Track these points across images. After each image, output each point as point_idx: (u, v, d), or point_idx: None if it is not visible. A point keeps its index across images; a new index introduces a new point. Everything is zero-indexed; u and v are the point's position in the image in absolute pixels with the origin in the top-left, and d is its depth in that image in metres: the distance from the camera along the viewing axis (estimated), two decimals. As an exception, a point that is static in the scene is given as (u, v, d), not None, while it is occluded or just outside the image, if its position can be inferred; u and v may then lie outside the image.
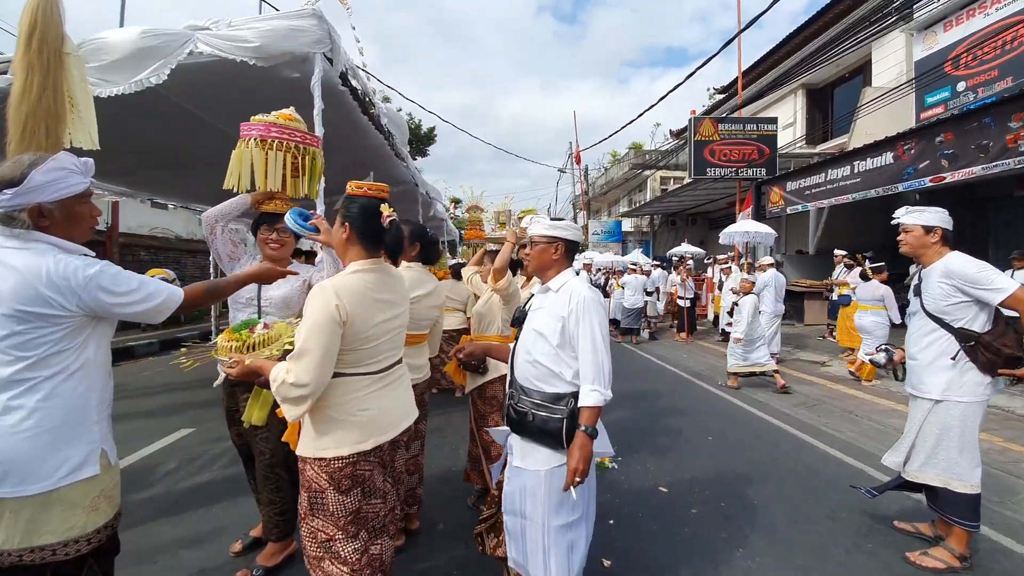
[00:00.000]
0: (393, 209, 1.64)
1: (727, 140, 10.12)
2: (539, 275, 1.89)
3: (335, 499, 1.54)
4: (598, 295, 1.76)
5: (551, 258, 1.83)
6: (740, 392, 6.04)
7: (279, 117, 2.39)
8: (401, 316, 1.73)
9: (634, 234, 19.38)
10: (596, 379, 1.64)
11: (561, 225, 1.85)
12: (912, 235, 2.49)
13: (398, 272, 1.79)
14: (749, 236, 8.10)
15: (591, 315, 1.68)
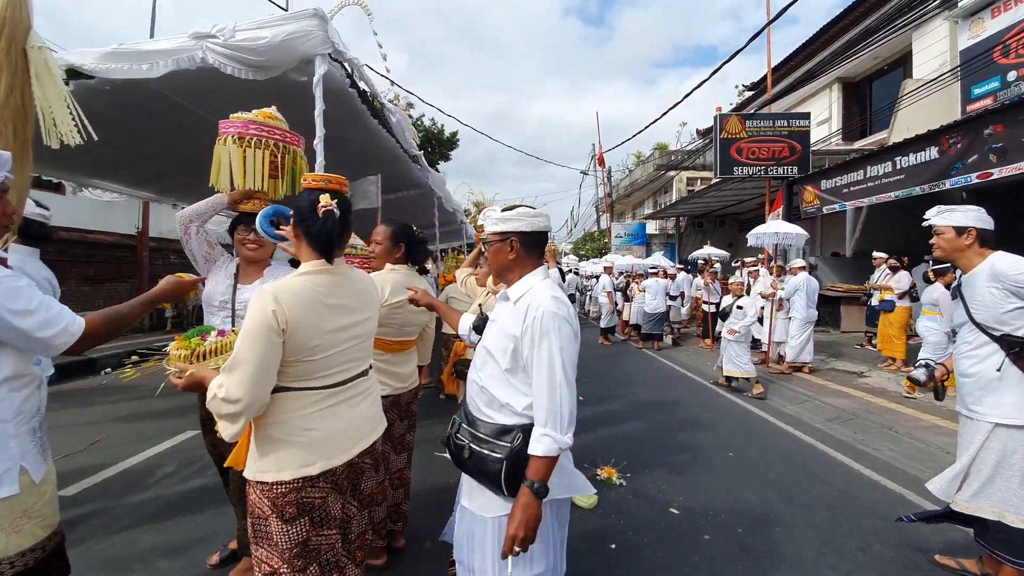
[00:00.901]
0: (336, 200, 1.46)
1: (755, 137, 9.65)
2: (501, 280, 1.60)
3: (278, 528, 1.38)
4: (565, 309, 1.41)
5: (507, 258, 1.52)
6: (768, 404, 5.66)
7: (259, 115, 2.29)
8: (363, 324, 1.56)
9: (659, 237, 18.85)
10: (549, 420, 1.33)
11: (512, 215, 1.50)
12: (944, 238, 2.24)
13: (360, 274, 1.63)
14: (779, 237, 7.62)
15: (551, 337, 1.35)
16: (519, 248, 1.51)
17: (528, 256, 1.52)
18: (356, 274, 1.60)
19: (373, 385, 1.63)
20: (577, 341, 1.45)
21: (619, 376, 7.22)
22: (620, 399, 5.81)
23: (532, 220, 1.51)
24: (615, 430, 4.65)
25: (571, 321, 1.41)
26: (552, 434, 1.33)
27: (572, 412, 1.36)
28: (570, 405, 1.36)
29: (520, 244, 1.50)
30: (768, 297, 7.64)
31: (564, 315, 1.39)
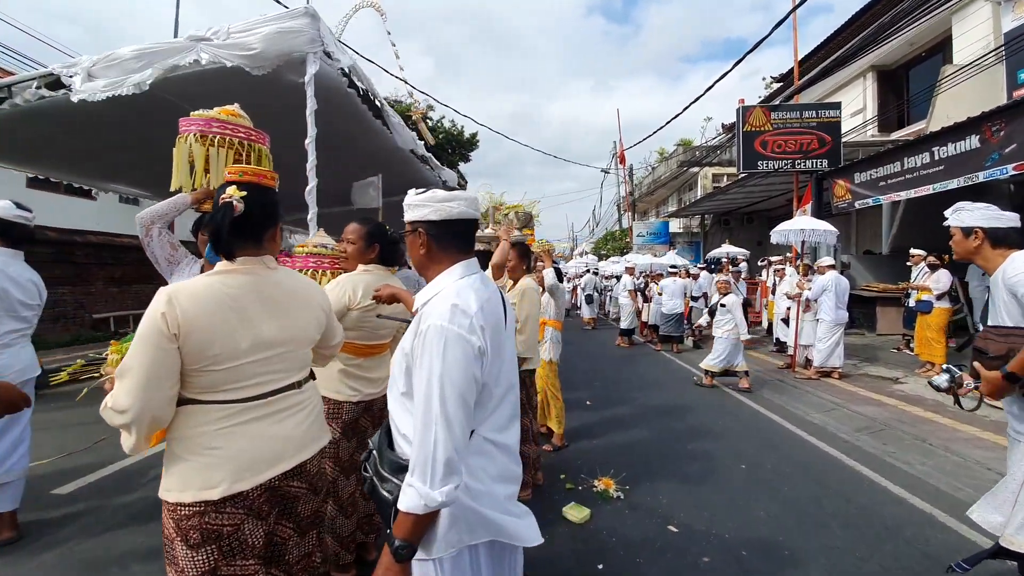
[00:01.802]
0: (247, 193, 1.33)
1: (781, 130, 9.18)
2: (424, 278, 1.36)
3: (183, 553, 1.25)
4: (465, 321, 1.12)
5: (419, 253, 1.28)
6: (790, 412, 5.31)
7: (222, 112, 2.22)
8: (291, 331, 1.41)
9: (683, 235, 18.29)
10: (417, 467, 1.08)
11: (417, 199, 1.26)
12: (954, 240, 2.06)
13: (292, 276, 1.49)
14: (805, 234, 7.21)
15: (431, 358, 1.10)
16: (428, 241, 1.26)
17: (442, 251, 1.26)
18: (284, 276, 1.46)
19: (307, 400, 1.48)
20: (480, 363, 1.14)
21: (631, 379, 6.96)
22: (628, 404, 5.57)
23: (441, 206, 1.23)
24: (618, 437, 4.42)
25: (470, 338, 1.11)
26: (417, 485, 1.06)
27: (450, 460, 1.07)
28: (447, 450, 1.07)
29: (428, 236, 1.25)
30: (794, 298, 7.25)
31: (459, 330, 1.11)
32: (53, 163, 5.99)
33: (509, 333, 1.33)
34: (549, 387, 4.06)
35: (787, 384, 6.49)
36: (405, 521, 1.08)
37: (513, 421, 1.32)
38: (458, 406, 1.09)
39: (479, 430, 1.21)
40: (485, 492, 1.20)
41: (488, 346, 1.16)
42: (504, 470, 1.26)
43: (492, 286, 1.32)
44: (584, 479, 3.47)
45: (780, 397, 5.88)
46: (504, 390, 1.26)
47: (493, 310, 1.22)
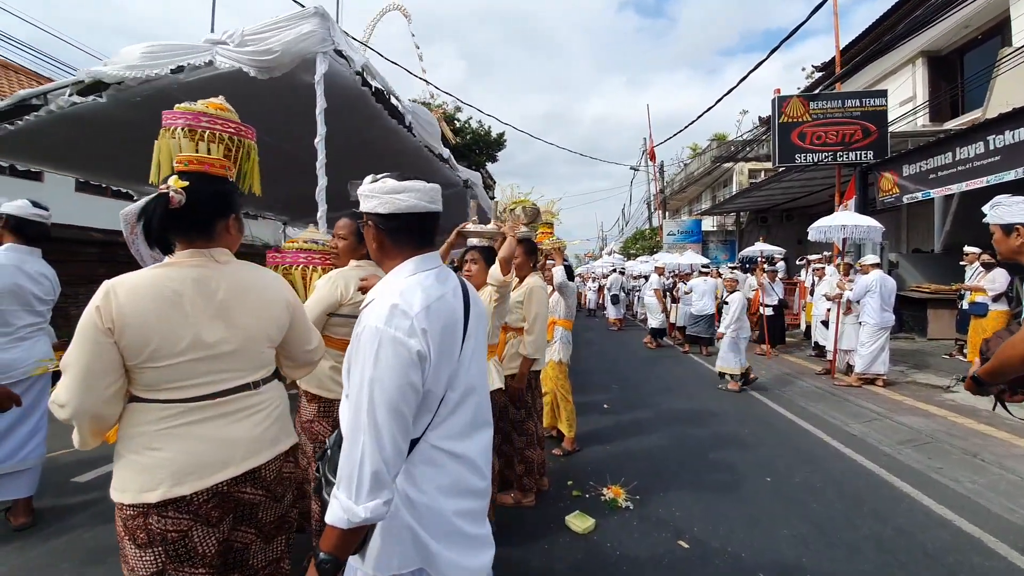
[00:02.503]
0: (188, 183, 1.26)
1: (821, 120, 8.67)
2: None
3: (132, 552, 1.22)
4: (404, 323, 1.04)
5: (371, 247, 1.22)
6: (827, 421, 4.96)
7: (209, 105, 2.18)
8: (243, 327, 1.33)
9: (717, 234, 17.63)
10: (343, 479, 1.01)
11: (366, 190, 1.18)
12: (995, 238, 1.83)
13: (250, 270, 1.42)
14: (847, 230, 6.75)
15: (364, 361, 1.03)
16: (378, 235, 1.19)
17: (395, 245, 1.18)
18: (237, 270, 1.37)
19: (265, 402, 1.40)
20: (420, 368, 1.05)
21: (653, 382, 6.69)
22: (648, 408, 5.33)
23: (389, 198, 1.14)
24: (633, 443, 4.22)
25: (408, 341, 1.02)
26: (341, 498, 0.99)
27: (377, 473, 0.99)
28: (374, 463, 0.99)
29: (378, 229, 1.18)
30: (834, 299, 6.80)
31: (395, 333, 1.02)
32: (84, 165, 6.28)
33: (474, 333, 1.23)
34: (559, 389, 3.91)
35: (825, 391, 6.09)
36: (330, 534, 1.00)
37: (475, 429, 1.22)
38: (389, 415, 1.01)
39: (428, 437, 1.13)
40: (429, 506, 1.12)
41: (432, 350, 1.06)
42: (457, 482, 1.16)
43: (451, 283, 1.22)
44: (592, 486, 3.31)
45: (816, 405, 5.51)
46: (461, 395, 1.16)
47: (445, 310, 1.13)
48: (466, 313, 1.21)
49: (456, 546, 1.15)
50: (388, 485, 1.01)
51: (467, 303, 1.22)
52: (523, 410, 3.06)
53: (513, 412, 3.05)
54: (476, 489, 1.21)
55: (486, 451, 1.26)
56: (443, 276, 1.20)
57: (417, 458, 1.12)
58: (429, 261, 1.20)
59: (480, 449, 1.23)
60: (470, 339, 1.20)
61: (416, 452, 1.11)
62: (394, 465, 1.02)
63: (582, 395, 5.80)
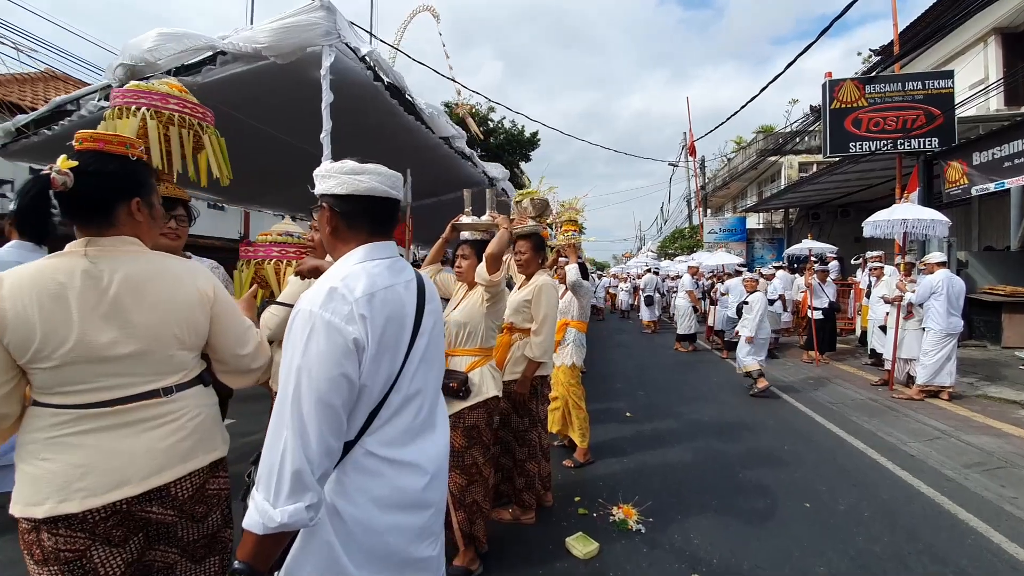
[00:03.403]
0: (78, 163, 1.11)
1: (879, 105, 7.89)
2: None
3: (32, 568, 1.12)
4: (343, 308, 0.97)
5: (325, 232, 1.15)
6: (881, 438, 4.42)
7: (171, 87, 2.07)
8: (142, 327, 1.17)
9: (763, 232, 16.62)
10: (263, 477, 0.92)
11: (324, 171, 1.12)
12: None
13: (159, 262, 1.25)
14: (908, 225, 6.06)
15: (293, 347, 0.96)
16: (334, 218, 1.11)
17: (351, 230, 1.12)
18: (138, 260, 1.21)
19: (178, 411, 1.23)
20: (356, 359, 0.97)
21: (683, 389, 6.24)
22: (676, 418, 4.94)
23: (348, 179, 1.08)
24: (655, 457, 3.87)
25: (344, 327, 0.95)
26: (257, 500, 0.90)
27: (299, 473, 0.90)
28: (296, 461, 0.90)
29: (333, 212, 1.11)
30: (893, 301, 6.13)
31: (330, 317, 0.95)
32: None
33: (428, 331, 1.16)
34: (571, 395, 3.63)
35: (880, 404, 5.49)
36: (247, 541, 0.91)
37: (421, 434, 1.14)
38: (317, 408, 0.93)
39: (364, 442, 1.04)
40: (360, 520, 1.02)
41: (371, 340, 0.99)
42: (396, 494, 1.07)
43: (405, 276, 1.15)
44: (602, 504, 3.01)
45: (870, 420, 4.95)
46: (405, 397, 1.09)
47: (393, 300, 1.07)
48: (420, 309, 1.14)
49: (385, 572, 1.06)
50: (312, 488, 0.91)
51: (421, 298, 1.15)
52: (526, 418, 2.82)
53: (516, 420, 2.82)
54: (421, 501, 1.11)
55: (437, 458, 1.17)
56: (397, 267, 1.14)
57: (350, 465, 1.02)
58: (383, 250, 1.13)
59: (428, 456, 1.14)
60: (422, 337, 1.13)
61: (349, 459, 1.02)
62: (320, 465, 0.93)
63: (603, 401, 5.48)
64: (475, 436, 2.17)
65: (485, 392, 2.17)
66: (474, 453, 2.17)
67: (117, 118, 1.90)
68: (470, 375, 2.17)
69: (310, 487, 0.91)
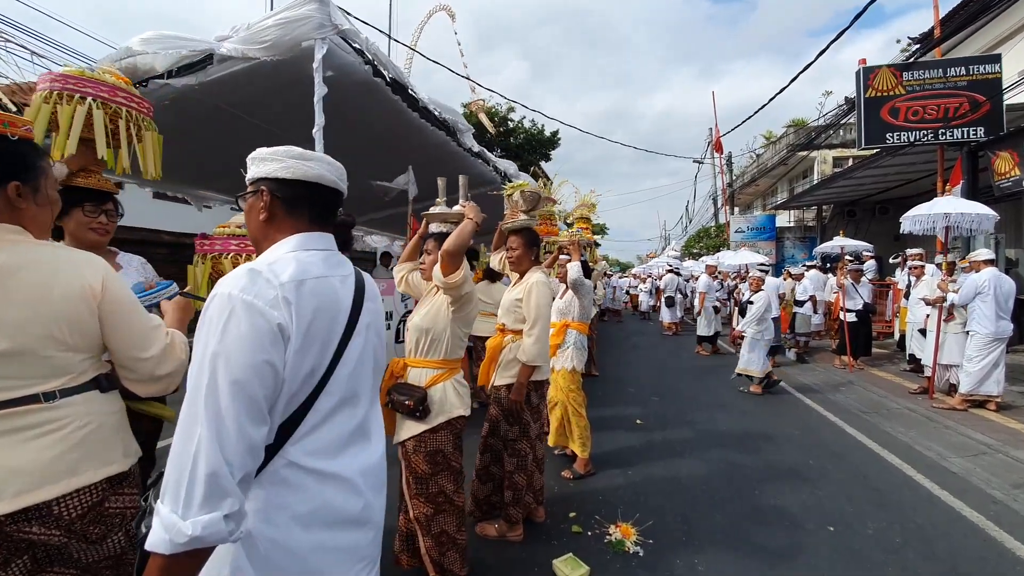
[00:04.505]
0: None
1: (918, 93, 7.34)
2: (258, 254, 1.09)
3: None
4: (267, 290, 0.88)
5: (258, 220, 1.04)
6: (919, 453, 4.04)
7: (118, 79, 1.97)
8: (22, 324, 1.05)
9: (794, 230, 15.86)
10: (170, 485, 0.78)
11: (265, 153, 1.04)
12: None
13: (32, 247, 1.11)
14: (951, 219, 5.57)
15: (208, 333, 0.85)
16: (272, 203, 1.02)
17: (290, 217, 1.03)
18: (10, 251, 1.08)
19: (67, 418, 1.10)
20: (281, 348, 0.87)
21: (703, 396, 5.90)
22: (690, 427, 4.63)
23: (294, 163, 1.01)
24: (663, 469, 3.60)
25: (267, 311, 0.86)
26: (163, 513, 0.77)
27: (215, 475, 0.77)
28: (213, 461, 0.78)
29: (273, 197, 1.02)
30: (934, 303, 5.65)
31: (252, 299, 0.85)
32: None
33: (365, 332, 1.07)
34: (571, 401, 3.41)
35: (919, 415, 5.05)
36: (151, 566, 0.77)
37: (355, 443, 1.04)
38: (236, 399, 0.81)
39: (285, 452, 0.92)
40: (278, 541, 0.90)
41: (296, 330, 0.90)
42: (323, 511, 0.95)
43: (343, 270, 1.07)
44: (598, 521, 2.78)
45: (907, 432, 4.54)
46: (338, 402, 0.99)
47: (325, 291, 0.98)
48: (356, 307, 1.06)
49: None
50: (232, 493, 0.79)
51: (360, 297, 1.08)
52: (516, 427, 2.62)
53: (505, 428, 2.62)
54: (353, 517, 1.00)
55: (372, 471, 1.06)
56: (333, 260, 1.06)
57: (267, 479, 0.91)
58: (319, 241, 1.05)
59: (361, 467, 1.03)
60: (357, 336, 1.05)
61: (267, 471, 0.91)
62: (241, 465, 0.81)
63: (613, 407, 5.22)
64: (440, 462, 1.94)
65: (447, 411, 1.93)
66: (441, 481, 1.94)
67: (56, 103, 1.78)
68: (430, 391, 1.93)
69: (229, 492, 0.79)
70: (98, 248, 1.96)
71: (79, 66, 2.05)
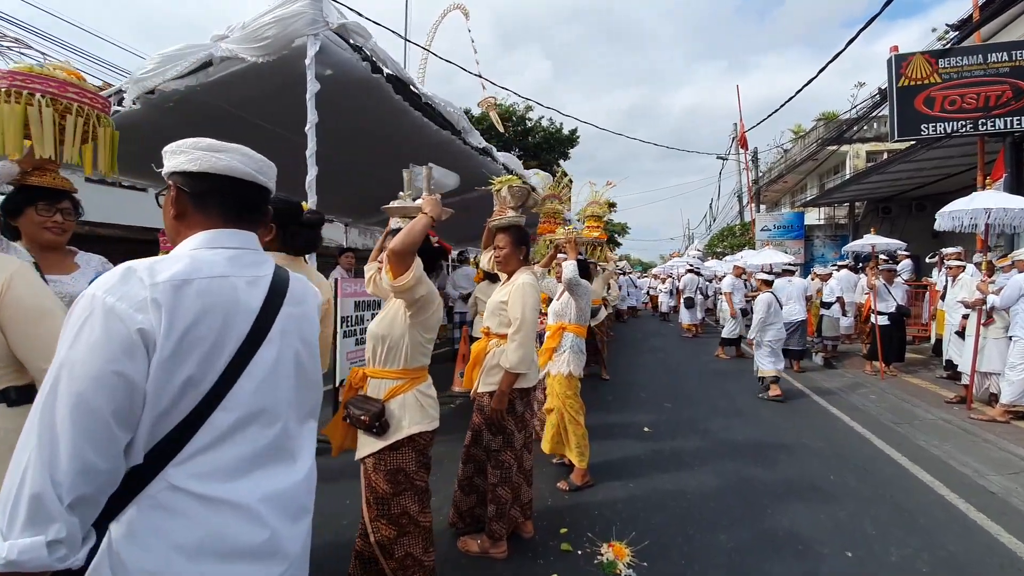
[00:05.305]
0: None
1: (955, 81, 6.85)
2: None
3: None
4: (134, 291, 0.80)
5: (169, 217, 0.99)
6: (953, 469, 3.71)
7: (69, 74, 1.90)
8: None
9: (824, 228, 15.16)
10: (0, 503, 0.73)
11: (174, 147, 0.97)
12: None
13: None
14: (992, 215, 5.16)
15: (64, 338, 0.79)
16: (180, 199, 0.97)
17: (201, 213, 0.97)
18: None
19: None
20: (143, 358, 0.79)
21: (720, 403, 5.61)
22: (703, 436, 4.37)
23: (202, 155, 0.95)
24: (668, 482, 3.37)
25: (130, 315, 0.78)
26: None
27: (39, 496, 0.72)
28: (39, 481, 0.72)
29: (180, 192, 0.96)
30: (973, 305, 5.24)
31: (114, 302, 0.78)
32: (123, 170, 6.86)
33: (278, 341, 0.97)
34: (567, 408, 3.22)
35: (955, 427, 4.67)
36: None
37: (265, 469, 0.93)
38: (74, 414, 0.74)
39: (167, 473, 0.83)
40: (152, 571, 0.81)
41: (165, 336, 0.80)
42: (212, 541, 0.85)
43: (256, 270, 0.97)
44: (590, 539, 2.60)
45: (941, 446, 4.19)
46: (239, 419, 0.89)
47: (219, 293, 0.89)
48: (268, 312, 0.96)
49: None
50: (59, 519, 0.73)
51: (276, 300, 0.98)
52: (500, 436, 2.46)
53: (488, 438, 2.48)
54: (253, 549, 0.89)
55: (284, 497, 0.95)
56: (245, 260, 0.96)
57: (146, 502, 0.82)
58: (230, 238, 0.97)
59: (267, 493, 0.92)
60: (269, 345, 0.95)
61: (145, 494, 0.83)
62: (72, 488, 0.74)
63: (620, 413, 5.00)
64: (402, 481, 1.80)
65: (407, 427, 1.78)
66: (403, 502, 1.80)
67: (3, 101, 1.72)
68: (388, 404, 1.79)
69: (55, 516, 0.72)
70: (56, 247, 1.90)
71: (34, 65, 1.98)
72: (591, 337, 6.40)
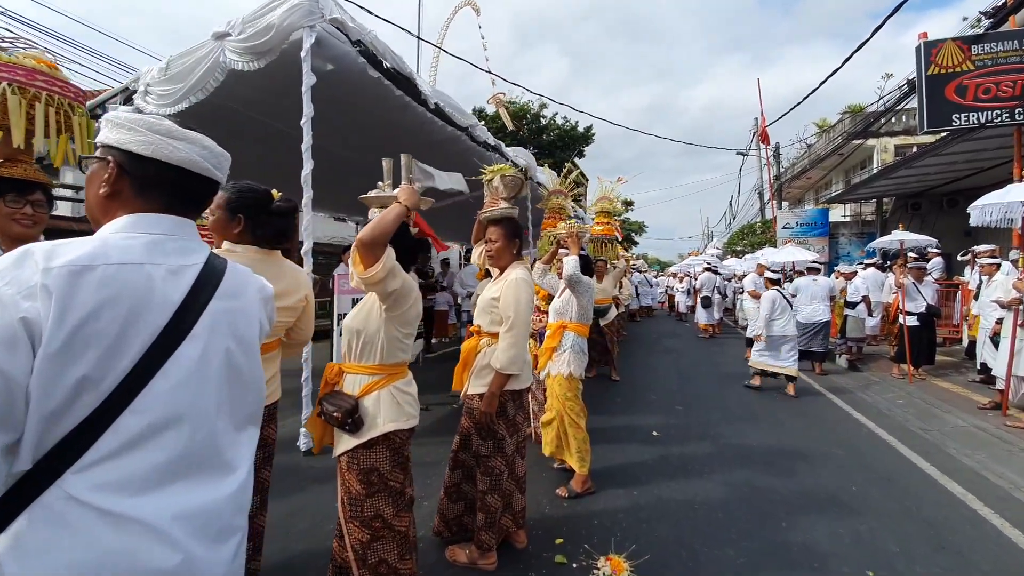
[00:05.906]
0: None
1: (989, 68, 6.45)
2: None
3: None
4: (25, 273, 0.73)
5: (96, 193, 0.89)
6: (986, 480, 3.47)
7: (39, 63, 1.85)
8: None
9: (850, 225, 14.60)
10: None
11: (123, 119, 0.88)
12: None
13: None
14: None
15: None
16: (120, 180, 0.88)
17: (139, 199, 0.88)
18: None
19: None
20: (25, 348, 0.71)
21: (735, 406, 5.37)
22: (714, 442, 4.16)
23: (158, 139, 0.87)
24: (674, 491, 3.19)
25: (14, 300, 0.71)
26: None
27: None
28: None
29: (120, 172, 0.87)
30: (1008, 305, 4.91)
31: (4, 288, 0.71)
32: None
33: (205, 337, 0.87)
34: (567, 411, 3.08)
35: (990, 435, 4.38)
36: None
37: (185, 480, 0.83)
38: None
39: (65, 481, 0.74)
40: None
41: (53, 327, 0.72)
42: (114, 561, 0.75)
43: (181, 259, 0.87)
44: (587, 551, 2.44)
45: (974, 455, 3.92)
46: (152, 424, 0.80)
47: (128, 283, 0.80)
48: (192, 306, 0.86)
49: None
50: None
51: (203, 293, 0.88)
52: (491, 441, 2.33)
53: (477, 442, 2.35)
54: (156, 574, 0.78)
55: (204, 515, 0.84)
56: (168, 247, 0.87)
57: (38, 513, 0.73)
58: (155, 224, 0.88)
59: (182, 511, 0.82)
60: (193, 342, 0.85)
61: (38, 504, 0.73)
62: None
63: (628, 416, 4.82)
64: (376, 482, 1.68)
65: (382, 424, 1.68)
66: (377, 503, 1.68)
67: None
68: (362, 401, 1.69)
69: None
70: (27, 240, 1.84)
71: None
72: (601, 337, 6.24)
